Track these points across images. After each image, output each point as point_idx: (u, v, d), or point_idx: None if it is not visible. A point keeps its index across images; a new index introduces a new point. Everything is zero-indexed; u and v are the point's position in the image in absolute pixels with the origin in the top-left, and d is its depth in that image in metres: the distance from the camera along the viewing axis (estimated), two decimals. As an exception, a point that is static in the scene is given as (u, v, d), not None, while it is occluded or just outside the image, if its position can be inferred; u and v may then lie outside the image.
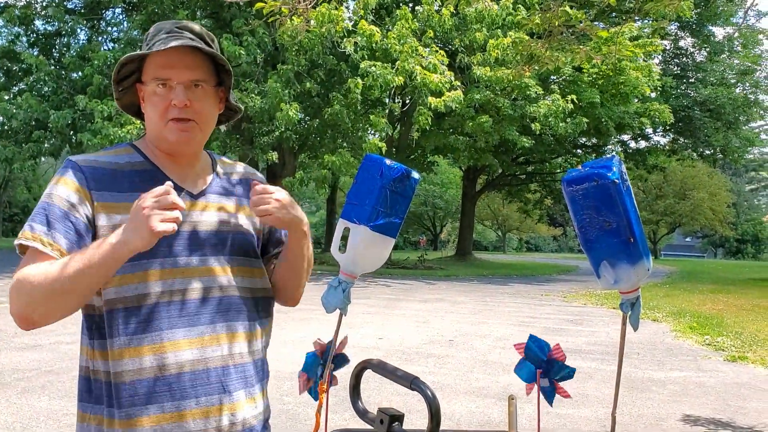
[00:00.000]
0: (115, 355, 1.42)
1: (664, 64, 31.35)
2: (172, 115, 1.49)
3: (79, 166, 1.47)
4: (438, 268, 26.15)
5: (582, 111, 20.43)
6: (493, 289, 17.88)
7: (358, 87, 15.96)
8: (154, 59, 1.50)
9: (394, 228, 1.73)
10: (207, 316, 1.48)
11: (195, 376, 1.44)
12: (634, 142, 32.84)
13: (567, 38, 4.45)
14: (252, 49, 17.55)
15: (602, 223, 1.56)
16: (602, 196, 1.54)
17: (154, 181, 1.47)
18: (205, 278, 1.49)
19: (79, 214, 1.42)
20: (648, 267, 1.59)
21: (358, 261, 1.74)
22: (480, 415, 5.33)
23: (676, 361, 7.84)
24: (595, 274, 1.64)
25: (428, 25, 16.25)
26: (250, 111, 17.35)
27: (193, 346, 1.45)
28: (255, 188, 1.52)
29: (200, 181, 1.59)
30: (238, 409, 1.49)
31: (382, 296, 14.29)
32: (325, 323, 7.16)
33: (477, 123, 19.21)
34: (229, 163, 1.71)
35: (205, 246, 1.52)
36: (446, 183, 51.13)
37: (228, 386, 1.48)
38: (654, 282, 22.67)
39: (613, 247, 1.57)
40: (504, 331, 9.68)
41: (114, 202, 1.46)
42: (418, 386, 1.47)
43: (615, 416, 1.72)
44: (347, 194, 1.76)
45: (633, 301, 1.65)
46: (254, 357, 1.57)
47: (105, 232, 1.42)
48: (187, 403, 1.43)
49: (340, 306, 1.76)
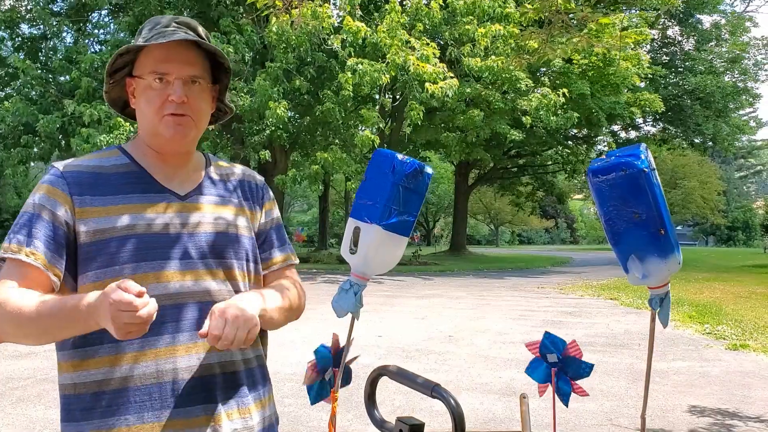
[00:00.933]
0: (99, 363, 1.37)
1: (653, 53, 31.38)
2: (168, 111, 1.43)
3: (61, 172, 1.44)
4: (433, 263, 26.10)
5: (573, 103, 20.41)
6: (489, 283, 17.84)
7: (349, 82, 15.85)
8: (152, 52, 1.45)
9: (407, 226, 1.65)
10: (190, 322, 1.41)
11: (178, 386, 1.38)
12: (625, 132, 32.90)
13: (566, 27, 4.36)
14: (240, 48, 17.42)
15: (631, 214, 1.48)
16: (630, 186, 1.46)
17: (139, 183, 1.46)
18: (191, 282, 1.43)
19: (60, 223, 1.39)
20: (679, 260, 1.52)
21: (370, 262, 1.65)
22: (484, 412, 5.26)
23: (678, 351, 7.79)
24: (622, 268, 1.56)
25: (417, 19, 16.15)
26: (240, 110, 17.23)
27: (178, 354, 1.38)
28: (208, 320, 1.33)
29: (189, 183, 1.52)
30: (223, 420, 1.41)
31: (378, 293, 14.22)
32: (323, 323, 7.07)
33: (468, 117, 19.15)
34: (225, 166, 1.64)
35: (192, 249, 1.45)
36: (438, 178, 51.10)
37: (214, 397, 1.41)
38: (649, 271, 22.70)
39: (643, 240, 1.49)
40: (503, 326, 9.62)
41: (96, 207, 1.41)
42: (440, 394, 1.38)
43: (645, 418, 1.64)
44: (357, 192, 1.68)
45: (662, 296, 1.57)
46: (248, 366, 1.49)
47: (87, 238, 1.39)
48: (166, 413, 1.37)
49: (353, 310, 1.67)
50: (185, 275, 1.42)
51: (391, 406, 5.17)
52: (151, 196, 1.45)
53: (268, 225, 1.63)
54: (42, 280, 1.36)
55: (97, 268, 1.38)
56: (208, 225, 1.48)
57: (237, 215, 1.54)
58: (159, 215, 1.43)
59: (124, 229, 1.39)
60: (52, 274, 1.36)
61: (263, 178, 1.71)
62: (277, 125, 17.47)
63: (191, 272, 1.43)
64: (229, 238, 1.50)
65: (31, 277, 1.35)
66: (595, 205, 1.54)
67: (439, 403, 1.37)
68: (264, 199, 1.64)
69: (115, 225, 1.39)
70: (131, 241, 1.39)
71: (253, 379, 1.50)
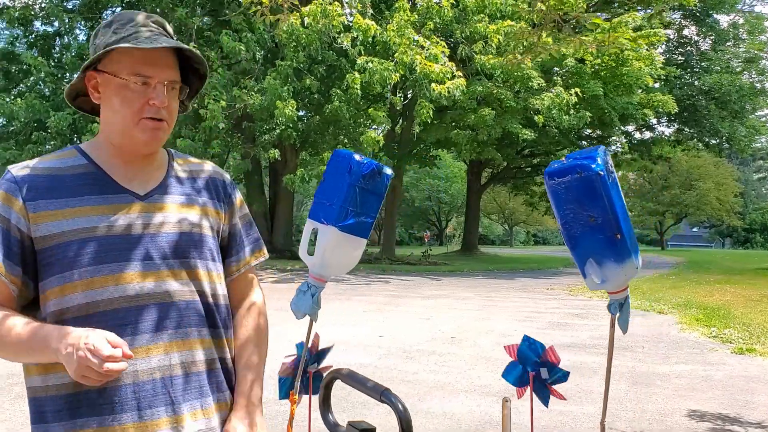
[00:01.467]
0: (56, 368, 1.35)
1: (668, 53, 31.08)
2: (147, 114, 1.42)
3: (15, 177, 1.41)
4: (443, 263, 26.02)
5: (585, 103, 20.26)
6: (498, 284, 17.76)
7: (356, 82, 15.83)
8: (132, 52, 1.41)
9: (365, 228, 1.63)
10: (151, 323, 1.40)
11: (139, 388, 1.37)
12: (639, 132, 32.62)
13: (560, 27, 4.32)
14: (251, 46, 17.44)
15: (587, 218, 1.45)
16: (586, 189, 1.43)
17: (96, 184, 1.43)
18: (153, 284, 1.41)
19: (13, 230, 1.38)
20: (637, 265, 1.48)
21: (327, 263, 1.63)
22: (480, 414, 5.22)
23: (682, 354, 7.70)
24: (580, 272, 1.53)
25: (428, 18, 16.08)
26: (251, 109, 17.24)
27: (138, 356, 1.36)
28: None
29: (150, 182, 1.50)
30: (184, 422, 1.40)
31: (383, 293, 14.20)
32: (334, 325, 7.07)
33: (479, 116, 19.05)
34: (193, 162, 1.62)
35: (155, 249, 1.43)
36: (451, 177, 50.98)
37: (177, 398, 1.40)
38: (660, 273, 22.51)
39: (599, 244, 1.46)
40: (508, 327, 9.56)
41: (51, 210, 1.39)
42: (388, 398, 1.36)
43: (604, 425, 1.61)
44: (315, 192, 1.66)
45: (621, 301, 1.54)
46: (211, 367, 1.48)
47: (43, 243, 1.38)
48: (127, 416, 1.36)
49: (310, 312, 1.65)
50: (146, 277, 1.41)
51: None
52: (109, 197, 1.43)
53: (238, 224, 1.62)
54: (2, 289, 1.38)
55: (57, 272, 1.37)
56: (170, 225, 1.46)
57: (201, 215, 1.52)
58: (118, 216, 1.41)
59: (80, 232, 1.38)
60: (9, 282, 1.37)
61: (230, 176, 1.69)
62: (287, 124, 17.48)
63: (152, 273, 1.41)
64: (193, 238, 1.49)
65: None
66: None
67: (437, 404, 1.34)
68: (232, 197, 1.63)
69: (71, 228, 1.38)
70: (89, 243, 1.38)
71: (217, 381, 1.49)
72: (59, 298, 1.37)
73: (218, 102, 16.57)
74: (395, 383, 6.12)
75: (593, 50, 4.61)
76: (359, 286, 15.84)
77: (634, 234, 1.50)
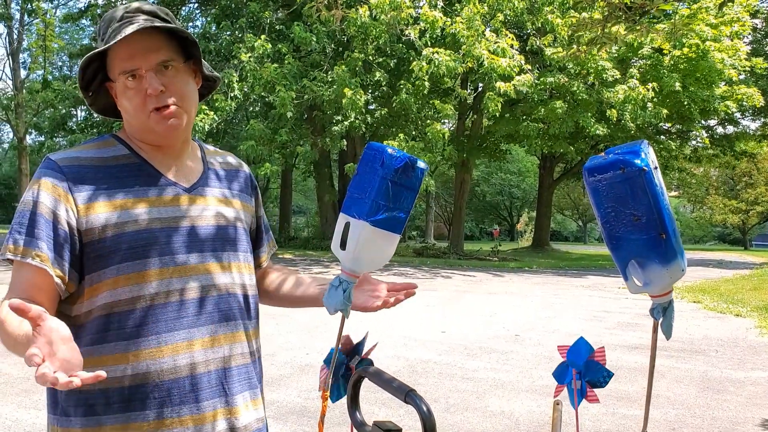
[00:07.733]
0: (108, 361, 1.34)
1: (755, 44, 29.60)
2: (152, 105, 1.39)
3: (59, 166, 1.38)
4: (512, 259, 25.65)
5: (663, 96, 19.50)
6: (567, 282, 17.36)
7: (423, 70, 15.68)
8: (115, 53, 1.39)
9: (398, 223, 1.58)
10: (206, 316, 1.41)
11: (195, 380, 1.37)
12: (722, 127, 31.23)
13: (627, 16, 4.13)
14: (321, 38, 17.56)
15: (630, 217, 1.35)
16: (629, 186, 1.34)
17: (142, 175, 1.42)
18: (204, 276, 1.42)
19: (61, 222, 1.34)
20: (683, 267, 1.38)
21: (359, 259, 1.59)
22: (540, 415, 5.10)
23: (759, 360, 7.33)
24: (621, 275, 1.44)
25: (498, 9, 15.82)
26: (319, 100, 17.36)
27: (194, 348, 1.38)
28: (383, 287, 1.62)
29: (192, 174, 1.50)
30: (239, 413, 1.43)
31: (448, 288, 14.09)
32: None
33: (550, 108, 18.62)
34: (219, 153, 1.63)
35: (203, 242, 1.44)
36: (524, 171, 50.19)
37: (231, 389, 1.42)
38: (740, 274, 21.53)
39: (643, 245, 1.36)
40: (575, 326, 9.33)
41: (101, 201, 1.37)
42: (412, 399, 1.31)
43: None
44: (349, 185, 1.62)
45: (665, 305, 1.45)
46: (254, 358, 1.52)
47: (93, 236, 1.35)
48: (186, 409, 1.36)
49: (341, 308, 1.61)
50: (196, 270, 1.41)
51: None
52: (157, 189, 1.43)
53: (263, 216, 1.69)
54: (48, 283, 1.32)
55: (109, 264, 1.35)
56: (212, 218, 1.47)
57: (238, 209, 1.55)
58: (167, 208, 1.41)
59: (131, 224, 1.36)
60: (55, 276, 1.33)
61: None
62: (356, 116, 17.54)
63: (202, 266, 1.43)
64: (232, 232, 1.51)
65: (36, 282, 1.32)
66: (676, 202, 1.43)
67: (496, 403, 1.29)
68: (255, 189, 1.67)
69: (123, 220, 1.36)
70: (140, 235, 1.36)
71: (258, 372, 1.54)
72: (111, 290, 1.34)
73: (289, 90, 16.68)
74: (455, 380, 6.05)
75: (659, 39, 4.39)
76: (424, 280, 15.77)
77: (679, 234, 1.40)
